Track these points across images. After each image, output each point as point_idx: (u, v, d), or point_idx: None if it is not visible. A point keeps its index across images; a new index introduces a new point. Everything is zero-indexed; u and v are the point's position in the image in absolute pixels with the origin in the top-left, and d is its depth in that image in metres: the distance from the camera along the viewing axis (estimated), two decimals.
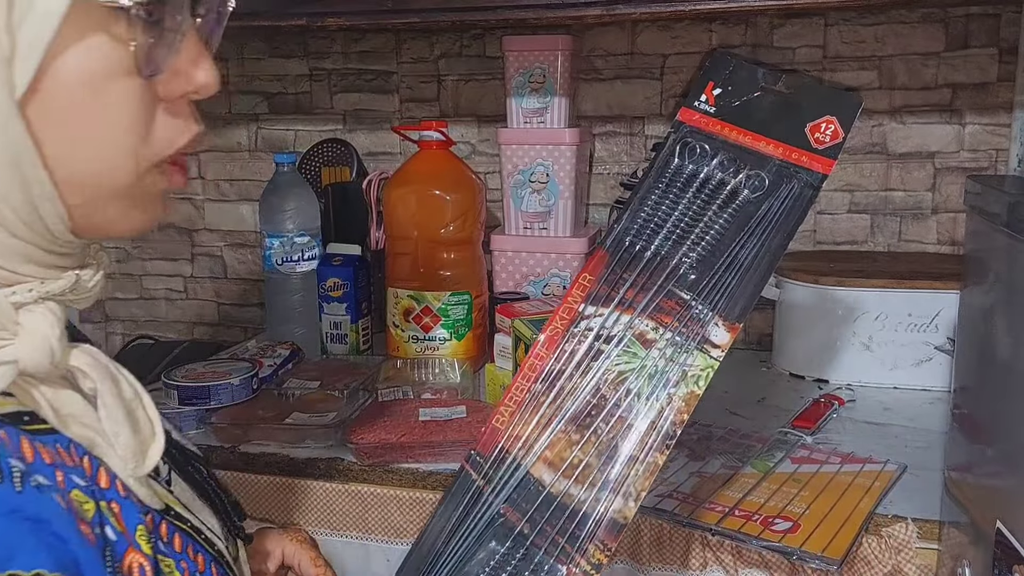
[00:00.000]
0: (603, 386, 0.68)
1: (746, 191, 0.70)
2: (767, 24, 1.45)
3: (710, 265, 0.69)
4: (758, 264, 0.68)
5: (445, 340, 1.36)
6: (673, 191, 0.72)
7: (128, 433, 0.48)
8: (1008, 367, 0.72)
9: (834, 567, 0.86)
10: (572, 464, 0.66)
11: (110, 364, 0.50)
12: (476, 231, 1.39)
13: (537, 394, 0.69)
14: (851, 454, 1.08)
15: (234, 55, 1.68)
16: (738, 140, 0.72)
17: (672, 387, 0.66)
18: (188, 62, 0.48)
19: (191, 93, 0.49)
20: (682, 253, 0.70)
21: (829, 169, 0.70)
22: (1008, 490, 0.71)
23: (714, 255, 0.69)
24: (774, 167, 0.70)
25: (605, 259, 0.72)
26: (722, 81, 0.74)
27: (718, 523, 0.93)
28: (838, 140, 0.70)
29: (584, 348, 0.69)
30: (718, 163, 0.72)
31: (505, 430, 0.68)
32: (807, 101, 0.72)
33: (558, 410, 0.68)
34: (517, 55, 1.43)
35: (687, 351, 0.67)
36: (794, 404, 1.25)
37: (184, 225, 1.78)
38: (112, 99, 0.45)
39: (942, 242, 1.45)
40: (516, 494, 0.66)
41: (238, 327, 1.78)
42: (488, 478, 0.67)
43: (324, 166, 1.61)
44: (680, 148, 0.73)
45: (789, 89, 0.73)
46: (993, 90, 1.38)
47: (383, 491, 1.07)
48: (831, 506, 0.96)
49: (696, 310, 0.68)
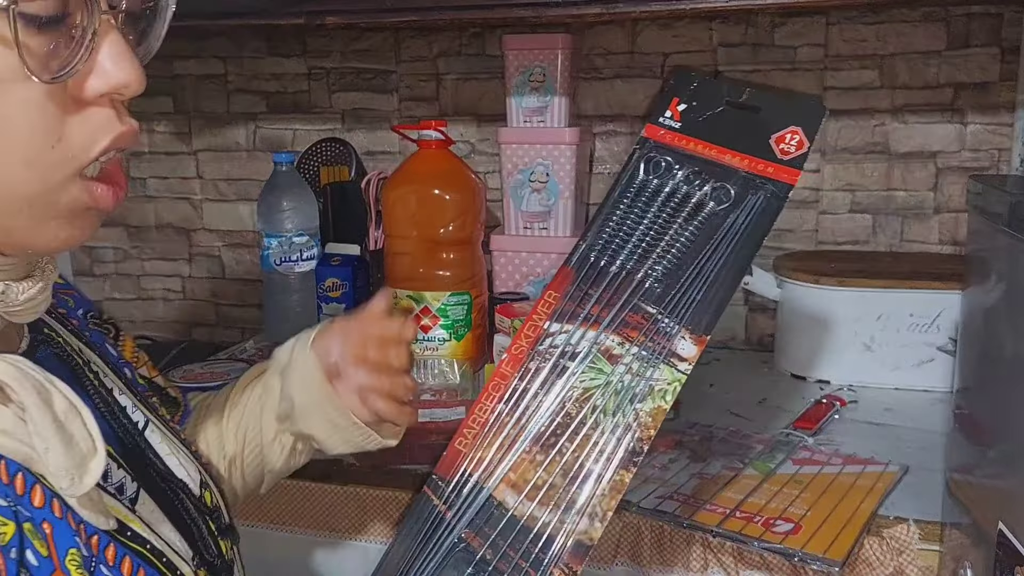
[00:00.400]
0: (568, 404, 0.66)
1: (712, 203, 0.70)
2: (768, 23, 1.44)
3: (676, 278, 0.68)
4: (725, 276, 0.67)
5: (444, 340, 1.36)
6: (638, 205, 0.72)
7: (59, 450, 0.45)
8: (1010, 367, 0.71)
9: (836, 569, 0.86)
10: (536, 485, 0.64)
11: (42, 377, 0.46)
12: (476, 231, 1.38)
13: (501, 415, 0.68)
14: (853, 455, 1.07)
15: (232, 54, 1.67)
16: (703, 153, 0.72)
17: (639, 402, 0.65)
18: (107, 59, 0.45)
19: (112, 93, 0.46)
20: (648, 267, 0.69)
21: (795, 179, 0.70)
22: (1010, 491, 0.71)
23: (680, 268, 0.68)
24: (740, 179, 0.70)
25: (570, 275, 0.71)
26: (687, 97, 0.74)
27: (719, 525, 0.93)
28: (803, 150, 0.70)
29: (549, 366, 0.68)
30: (683, 176, 0.71)
31: (467, 452, 0.67)
32: (771, 113, 0.72)
33: (522, 430, 0.66)
34: (517, 54, 1.43)
35: (654, 365, 0.66)
36: (795, 405, 1.25)
37: (182, 225, 1.77)
38: (6, 107, 0.42)
39: (944, 242, 1.44)
40: (479, 518, 0.64)
41: (236, 327, 1.78)
42: (449, 503, 0.66)
43: (323, 165, 1.60)
44: (645, 163, 0.73)
45: (753, 102, 0.73)
46: (995, 90, 1.37)
47: (382, 493, 1.07)
48: (833, 507, 0.95)
49: (663, 324, 0.67)
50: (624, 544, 0.98)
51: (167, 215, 1.77)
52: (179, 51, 1.69)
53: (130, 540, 0.51)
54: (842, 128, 1.44)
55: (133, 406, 0.61)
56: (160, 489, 0.58)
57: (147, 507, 0.55)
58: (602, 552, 0.99)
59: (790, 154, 0.71)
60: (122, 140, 0.47)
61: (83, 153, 0.45)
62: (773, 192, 0.70)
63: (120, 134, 0.47)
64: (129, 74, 0.45)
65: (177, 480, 0.60)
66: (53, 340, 0.57)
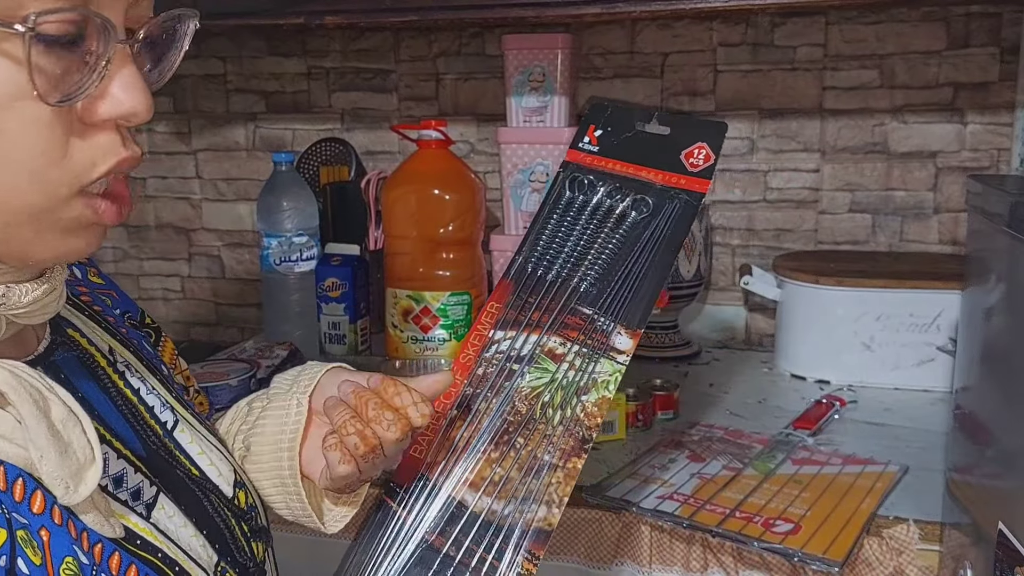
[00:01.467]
0: (518, 402, 0.70)
1: (633, 213, 0.77)
2: (768, 22, 1.44)
3: (608, 281, 0.74)
4: (651, 276, 0.74)
5: (444, 341, 1.36)
6: (567, 220, 0.79)
7: (54, 458, 0.45)
8: (1010, 367, 0.71)
9: (835, 569, 0.86)
10: (493, 481, 0.67)
11: (41, 384, 0.46)
12: (475, 231, 1.38)
13: (453, 420, 0.71)
14: (852, 455, 1.07)
15: (232, 54, 1.67)
16: (621, 171, 0.79)
17: (584, 395, 0.70)
18: (118, 87, 0.46)
19: (118, 119, 0.46)
20: (581, 273, 0.75)
21: (706, 188, 0.77)
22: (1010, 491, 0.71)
23: (610, 272, 0.75)
24: (656, 191, 0.77)
25: (510, 287, 0.77)
26: (602, 123, 0.82)
27: (719, 525, 0.93)
28: (711, 162, 0.77)
29: (496, 370, 0.72)
30: (605, 192, 0.79)
31: (423, 458, 0.69)
32: (679, 133, 0.80)
33: (475, 431, 0.70)
34: (516, 54, 1.43)
35: (595, 360, 0.71)
36: (795, 405, 1.25)
37: (181, 225, 1.77)
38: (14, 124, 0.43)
39: (944, 242, 1.44)
40: (440, 519, 0.67)
41: (236, 327, 1.78)
42: (409, 507, 0.68)
43: (322, 165, 1.60)
44: (569, 183, 0.80)
45: (662, 124, 0.81)
46: (995, 89, 1.38)
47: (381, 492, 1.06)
48: (832, 508, 0.95)
49: (599, 323, 0.73)
50: (624, 544, 0.98)
51: (167, 215, 1.77)
52: None
53: (139, 549, 0.50)
54: (841, 128, 1.45)
55: (162, 405, 0.60)
56: (188, 491, 0.57)
57: (166, 512, 0.54)
58: (602, 552, 0.99)
59: (699, 167, 0.78)
60: (124, 164, 0.47)
61: (85, 173, 0.46)
62: (687, 201, 0.77)
63: (122, 159, 0.47)
64: (138, 103, 0.46)
65: (208, 482, 0.59)
66: (75, 342, 0.57)
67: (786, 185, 1.48)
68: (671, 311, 1.46)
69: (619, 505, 0.97)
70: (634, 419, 1.16)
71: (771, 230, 1.50)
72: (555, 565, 1.01)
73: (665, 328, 1.47)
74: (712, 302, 1.55)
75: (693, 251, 1.41)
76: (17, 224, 0.45)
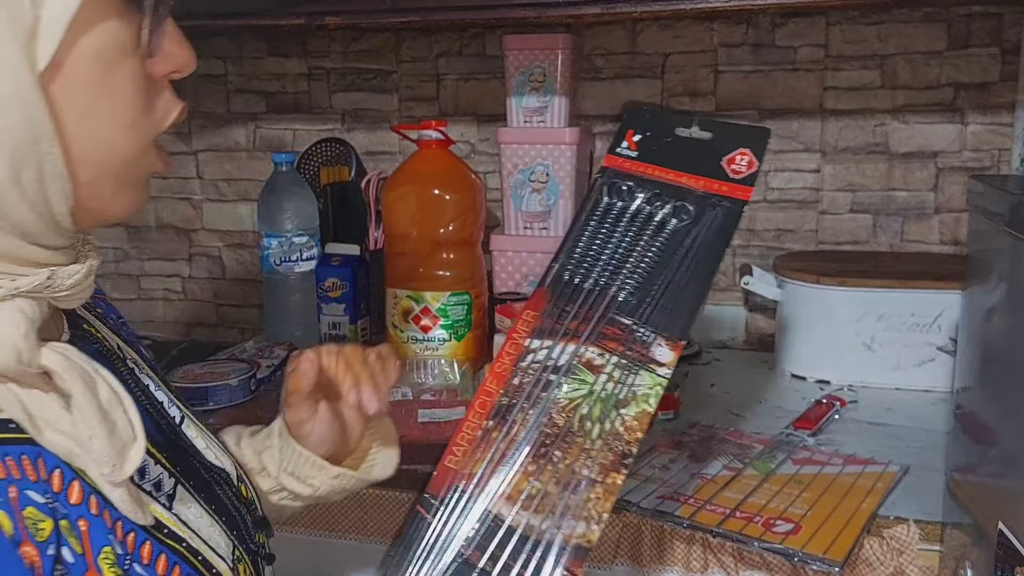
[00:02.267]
0: (555, 414, 0.69)
1: (674, 220, 0.75)
2: (769, 23, 1.44)
3: (648, 291, 0.72)
4: (693, 285, 0.72)
5: (444, 341, 1.36)
6: (605, 227, 0.76)
7: (103, 437, 0.47)
8: (1011, 367, 0.71)
9: (836, 569, 0.86)
10: (531, 495, 0.66)
11: (86, 364, 0.48)
12: (476, 231, 1.38)
13: (489, 430, 0.69)
14: (853, 455, 1.07)
15: (233, 54, 1.67)
16: (661, 177, 0.77)
17: (623, 408, 0.68)
18: (169, 42, 0.50)
19: (173, 72, 0.51)
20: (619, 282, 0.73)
21: (748, 195, 0.75)
22: (1011, 491, 0.71)
23: (650, 281, 0.72)
24: (697, 198, 0.75)
25: (546, 295, 0.74)
26: (640, 128, 0.80)
27: (719, 525, 0.93)
28: (753, 169, 0.75)
29: (532, 380, 0.70)
30: (645, 198, 0.76)
31: (458, 470, 0.68)
32: (720, 139, 0.78)
33: (511, 443, 0.68)
34: (517, 54, 1.43)
35: (635, 372, 0.69)
36: (796, 405, 1.25)
37: (182, 225, 1.77)
38: (120, 77, 0.47)
39: (944, 242, 1.44)
40: (475, 532, 0.65)
41: (236, 328, 1.78)
42: (444, 519, 0.66)
43: (323, 166, 1.60)
44: (608, 188, 0.78)
45: (704, 129, 0.79)
46: (996, 90, 1.37)
47: (382, 493, 1.06)
48: (833, 508, 0.95)
49: (639, 333, 0.70)
50: (624, 544, 0.98)
51: (167, 215, 1.77)
52: None
53: (166, 538, 0.51)
54: (843, 128, 1.44)
55: (170, 402, 0.63)
56: (204, 480, 0.59)
57: (185, 503, 0.55)
58: (602, 552, 0.99)
59: (741, 173, 0.76)
60: (182, 114, 0.52)
61: (161, 123, 0.51)
62: (729, 208, 0.75)
63: (182, 108, 0.52)
64: (189, 56, 0.51)
65: (219, 470, 0.62)
66: (92, 335, 0.59)
67: (787, 185, 1.48)
68: None
69: (619, 505, 0.97)
70: None
71: (772, 230, 1.50)
72: None
73: None
74: (713, 302, 1.55)
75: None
76: (103, 178, 0.49)
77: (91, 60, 0.46)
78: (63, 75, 0.45)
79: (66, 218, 0.47)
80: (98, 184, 0.48)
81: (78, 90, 0.46)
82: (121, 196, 0.50)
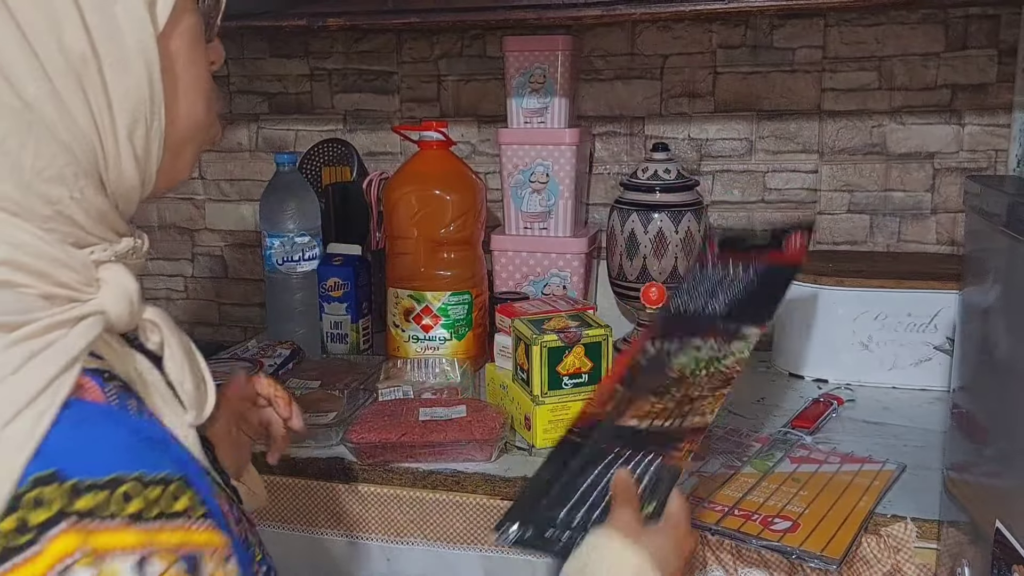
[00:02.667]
0: (670, 372, 0.89)
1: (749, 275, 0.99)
2: (767, 25, 1.45)
3: (736, 309, 0.95)
4: (769, 304, 0.95)
5: (445, 340, 1.36)
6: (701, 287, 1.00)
7: (191, 383, 0.54)
8: (1007, 367, 0.72)
9: (833, 567, 0.87)
10: (654, 412, 0.85)
11: (167, 323, 0.55)
12: (476, 231, 1.39)
13: (618, 391, 0.88)
14: (850, 454, 1.08)
15: (235, 55, 1.68)
16: (738, 261, 1.01)
17: (724, 359, 0.89)
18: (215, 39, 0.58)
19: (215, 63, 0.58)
20: (716, 305, 0.97)
21: (800, 259, 0.99)
22: (1007, 489, 0.72)
23: (737, 304, 0.95)
24: (765, 265, 0.99)
25: (660, 319, 1.02)
26: (718, 240, 1.07)
27: (718, 523, 0.93)
28: (806, 243, 1.00)
29: (648, 361, 0.92)
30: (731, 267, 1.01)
31: (595, 411, 0.86)
32: (777, 235, 1.03)
33: (637, 392, 0.87)
34: (517, 55, 1.44)
35: (729, 343, 0.90)
36: (793, 404, 1.25)
37: (185, 225, 1.78)
38: (201, 54, 0.55)
39: (941, 242, 1.45)
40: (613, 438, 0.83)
41: (239, 327, 1.78)
42: (586, 436, 0.84)
43: (325, 166, 1.61)
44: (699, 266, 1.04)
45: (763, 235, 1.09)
46: (992, 91, 1.38)
47: (383, 491, 1.07)
48: (830, 505, 0.96)
49: (731, 326, 0.92)
50: None
51: (170, 215, 1.78)
52: None
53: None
54: (840, 129, 1.45)
55: None
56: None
57: None
58: None
59: (795, 248, 1.00)
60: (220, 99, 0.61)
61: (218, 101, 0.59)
62: (786, 266, 0.99)
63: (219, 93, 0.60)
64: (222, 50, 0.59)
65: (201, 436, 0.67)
66: None
67: (785, 186, 1.49)
68: None
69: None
70: None
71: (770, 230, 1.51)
72: None
73: None
74: None
75: (692, 251, 1.42)
76: (184, 142, 0.55)
77: (187, 34, 0.53)
78: (172, 42, 0.52)
79: (152, 181, 0.53)
80: (180, 148, 0.54)
81: (179, 59, 0.52)
82: (190, 161, 0.57)
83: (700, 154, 1.52)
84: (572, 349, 1.10)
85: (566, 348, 1.10)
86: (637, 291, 1.41)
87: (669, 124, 1.52)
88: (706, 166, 1.52)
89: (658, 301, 1.38)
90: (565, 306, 1.22)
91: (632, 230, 1.40)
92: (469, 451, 1.07)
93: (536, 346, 1.09)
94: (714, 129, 1.51)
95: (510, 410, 1.16)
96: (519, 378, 1.16)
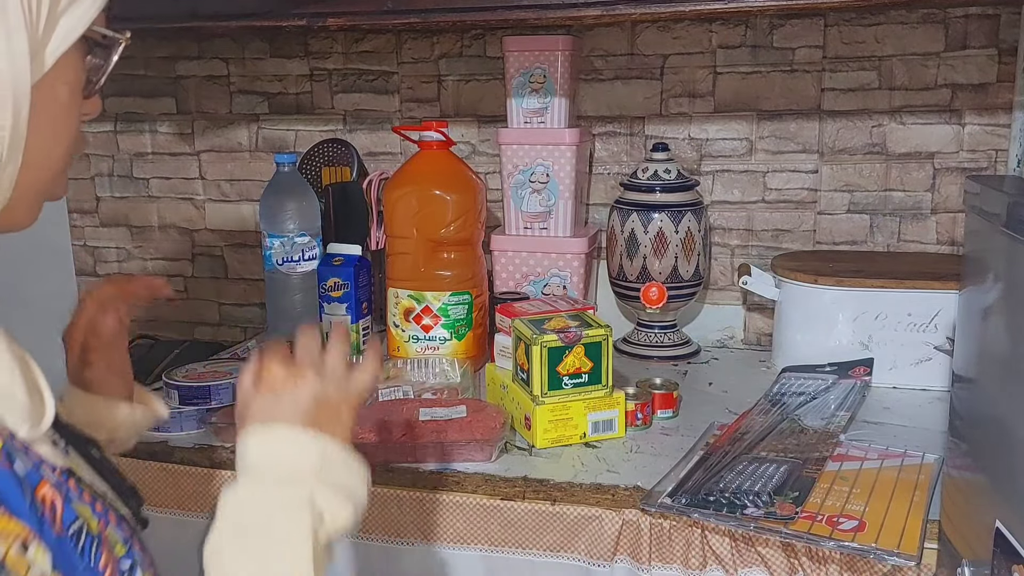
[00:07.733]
0: None
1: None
2: (767, 24, 1.45)
3: None
4: None
5: (445, 340, 1.37)
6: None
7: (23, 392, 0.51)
8: (1007, 366, 0.72)
9: (912, 563, 0.86)
10: None
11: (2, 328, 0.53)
12: (476, 231, 1.39)
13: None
14: (887, 448, 1.08)
15: (235, 55, 1.68)
16: None
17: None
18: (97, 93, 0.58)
19: (88, 115, 0.58)
20: None
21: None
22: (1007, 490, 0.72)
23: None
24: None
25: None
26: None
27: (786, 527, 0.92)
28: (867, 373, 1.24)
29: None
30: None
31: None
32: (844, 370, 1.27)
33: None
34: (517, 55, 1.44)
35: None
36: None
37: (185, 225, 1.78)
38: (75, 108, 0.55)
39: (941, 242, 1.45)
40: None
41: (239, 327, 1.78)
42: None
43: (325, 166, 1.61)
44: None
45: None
46: (992, 91, 1.38)
47: (383, 491, 1.07)
48: (888, 502, 0.96)
49: None
50: (624, 542, 0.99)
51: (170, 215, 1.78)
52: (182, 52, 1.70)
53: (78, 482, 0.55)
54: (840, 129, 1.45)
55: None
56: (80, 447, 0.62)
57: (77, 462, 0.59)
58: (602, 550, 1.00)
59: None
60: (81, 149, 0.59)
61: (75, 153, 0.57)
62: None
63: (86, 141, 0.59)
64: (100, 104, 0.59)
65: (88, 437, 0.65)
66: None
67: (785, 186, 1.49)
68: (670, 311, 1.46)
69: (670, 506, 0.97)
70: (633, 418, 1.16)
71: (770, 230, 1.51)
72: (556, 563, 1.02)
73: (664, 328, 1.48)
74: (711, 302, 1.56)
75: (692, 251, 1.42)
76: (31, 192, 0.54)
77: (66, 87, 0.52)
78: (49, 91, 0.51)
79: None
80: (23, 198, 0.53)
81: (50, 108, 0.51)
82: (31, 212, 0.55)
83: (700, 154, 1.52)
84: (572, 349, 1.11)
85: (566, 348, 1.10)
86: (637, 291, 1.41)
87: (669, 124, 1.52)
88: (706, 166, 1.52)
89: (658, 301, 1.38)
90: (565, 306, 1.22)
91: (632, 230, 1.40)
92: (469, 451, 1.07)
93: (536, 346, 1.09)
94: (714, 129, 1.51)
95: (510, 410, 1.16)
96: (519, 378, 1.16)
